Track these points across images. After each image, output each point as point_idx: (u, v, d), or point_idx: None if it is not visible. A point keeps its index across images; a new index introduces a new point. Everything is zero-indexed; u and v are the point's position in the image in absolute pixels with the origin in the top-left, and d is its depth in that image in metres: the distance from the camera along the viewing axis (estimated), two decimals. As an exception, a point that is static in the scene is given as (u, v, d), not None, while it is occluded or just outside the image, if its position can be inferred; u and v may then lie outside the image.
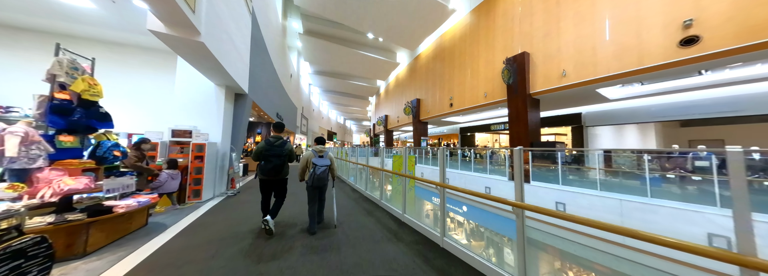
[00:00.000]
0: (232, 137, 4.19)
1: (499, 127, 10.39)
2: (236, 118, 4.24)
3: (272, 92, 8.01)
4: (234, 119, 4.22)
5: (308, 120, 19.49)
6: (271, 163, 2.45)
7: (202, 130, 3.62)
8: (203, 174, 3.51)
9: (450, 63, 9.13)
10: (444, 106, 9.40)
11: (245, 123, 4.54)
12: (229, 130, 4.09)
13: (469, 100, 7.98)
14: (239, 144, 4.43)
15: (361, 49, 12.48)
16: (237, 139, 4.25)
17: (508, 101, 6.22)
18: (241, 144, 4.57)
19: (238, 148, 4.46)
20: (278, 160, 2.48)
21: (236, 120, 4.24)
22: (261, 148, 2.45)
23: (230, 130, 4.14)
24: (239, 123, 4.24)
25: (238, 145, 4.36)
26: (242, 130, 4.45)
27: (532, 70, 5.80)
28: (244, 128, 4.49)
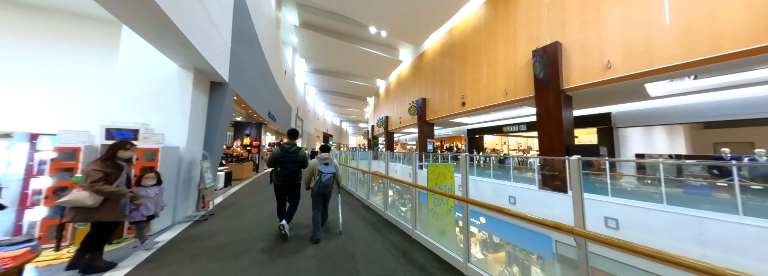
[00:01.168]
0: (206, 139, 3.18)
1: (513, 129, 9.67)
2: (212, 114, 3.24)
3: (264, 88, 7.00)
4: (209, 115, 3.22)
5: (303, 121, 18.40)
6: (287, 169, 2.51)
7: (156, 128, 2.59)
8: (154, 192, 2.45)
9: (461, 59, 8.37)
10: (454, 106, 8.60)
11: (225, 121, 3.55)
12: (199, 129, 3.08)
13: (485, 98, 7.19)
14: (216, 147, 3.42)
15: (362, 44, 11.62)
16: (213, 140, 3.25)
17: (536, 98, 5.44)
18: (219, 147, 3.56)
19: (216, 153, 3.44)
20: (294, 166, 2.55)
21: (212, 116, 3.24)
22: (277, 155, 2.51)
23: (202, 130, 3.14)
24: (216, 120, 3.25)
25: (214, 149, 3.34)
26: (221, 129, 3.44)
27: (566, 62, 5.05)
28: (223, 127, 3.49)
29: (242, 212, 3.36)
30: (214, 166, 3.30)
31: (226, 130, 3.65)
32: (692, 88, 5.19)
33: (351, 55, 12.34)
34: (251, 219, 3.06)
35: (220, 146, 3.52)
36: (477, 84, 7.56)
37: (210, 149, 3.27)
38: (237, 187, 5.66)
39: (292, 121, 14.74)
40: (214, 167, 3.28)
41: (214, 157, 3.28)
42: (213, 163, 3.23)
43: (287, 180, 2.52)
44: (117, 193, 1.76)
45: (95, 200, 1.65)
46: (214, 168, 3.29)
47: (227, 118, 3.57)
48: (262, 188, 5.54)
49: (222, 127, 3.40)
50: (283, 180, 2.52)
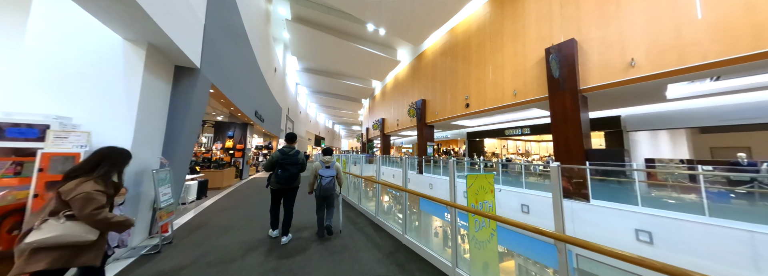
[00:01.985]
0: (167, 141, 2.44)
1: (515, 133, 9.37)
2: (177, 108, 2.51)
3: (250, 85, 6.24)
4: (172, 109, 2.49)
5: (294, 123, 17.48)
6: (288, 172, 2.58)
7: (81, 124, 1.80)
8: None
9: (465, 58, 8.00)
10: (457, 108, 8.18)
11: (196, 118, 2.82)
12: (154, 127, 2.26)
13: (491, 99, 6.79)
14: (182, 152, 2.66)
15: (358, 43, 11.09)
16: (176, 143, 2.49)
17: (550, 99, 5.06)
18: (185, 151, 2.81)
19: (181, 159, 2.67)
20: (295, 168, 2.61)
21: (177, 111, 2.51)
22: (276, 158, 2.58)
23: (161, 129, 2.39)
24: (182, 116, 2.52)
25: (179, 154, 2.58)
26: (189, 128, 2.69)
27: (583, 61, 4.72)
28: (192, 126, 2.76)
29: (213, 238, 2.54)
30: (177, 177, 2.54)
31: (196, 130, 2.91)
32: (710, 90, 5.01)
33: (346, 53, 11.77)
34: (226, 249, 2.27)
35: (187, 150, 2.77)
36: (482, 85, 7.17)
37: (172, 154, 2.48)
38: (213, 198, 4.71)
39: (283, 123, 13.85)
40: (177, 178, 2.52)
41: (177, 165, 2.56)
42: (175, 172, 2.49)
43: (288, 182, 2.60)
44: (124, 225, 1.20)
45: (95, 235, 1.13)
46: (177, 179, 2.52)
47: (199, 114, 2.84)
48: (245, 201, 4.61)
49: (191, 125, 2.67)
50: (283, 182, 2.57)
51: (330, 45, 11.09)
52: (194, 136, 2.86)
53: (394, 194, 9.13)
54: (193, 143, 2.87)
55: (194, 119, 2.73)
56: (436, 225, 9.04)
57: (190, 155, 2.81)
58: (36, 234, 1.03)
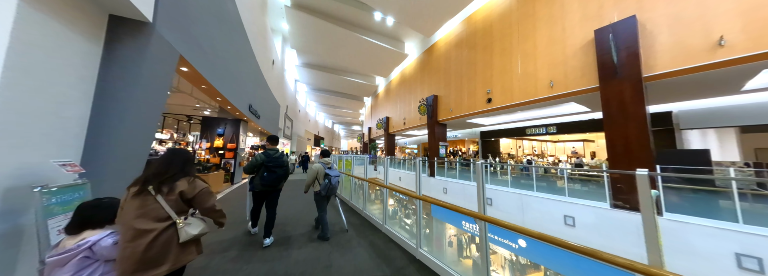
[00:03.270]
0: (94, 132, 1.51)
1: (538, 132, 8.53)
2: (114, 81, 1.60)
3: (244, 74, 5.35)
4: (103, 82, 1.57)
5: (293, 122, 16.56)
6: (275, 174, 2.59)
7: None
8: None
9: (486, 48, 7.16)
10: (476, 103, 7.33)
11: (153, 100, 1.91)
12: (54, 104, 1.28)
13: (520, 92, 5.95)
14: (120, 153, 1.70)
15: (363, 34, 10.23)
16: (108, 139, 1.58)
17: (602, 90, 4.23)
18: (138, 151, 1.88)
19: (116, 164, 1.70)
20: (281, 170, 2.63)
21: (114, 85, 1.61)
22: (261, 160, 2.56)
23: (81, 112, 1.48)
24: (124, 95, 1.63)
25: (114, 158, 1.65)
26: (135, 117, 1.76)
27: (647, 42, 3.89)
28: (145, 114, 1.85)
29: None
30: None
31: (152, 122, 2.00)
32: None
33: (350, 46, 10.89)
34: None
35: (136, 151, 1.86)
36: (508, 77, 6.33)
37: (98, 159, 1.49)
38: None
39: (281, 121, 12.93)
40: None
41: (114, 174, 1.59)
42: (107, 188, 1.50)
43: (274, 184, 2.60)
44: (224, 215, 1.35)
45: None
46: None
47: (157, 96, 1.93)
48: (238, 214, 3.48)
49: (140, 112, 1.75)
50: (269, 184, 2.56)
51: (332, 36, 10.21)
52: (150, 130, 1.96)
53: (399, 198, 8.30)
54: (148, 141, 1.97)
55: (150, 104, 1.83)
56: (449, 233, 8.20)
57: (142, 159, 1.91)
58: (191, 228, 1.15)
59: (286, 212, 3.83)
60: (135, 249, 1.00)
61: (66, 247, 0.93)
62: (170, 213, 1.11)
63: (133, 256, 0.99)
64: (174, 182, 1.16)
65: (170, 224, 1.11)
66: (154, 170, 1.17)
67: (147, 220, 1.06)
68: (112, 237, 1.03)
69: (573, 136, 9.89)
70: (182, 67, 2.60)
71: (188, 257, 1.15)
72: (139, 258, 1.00)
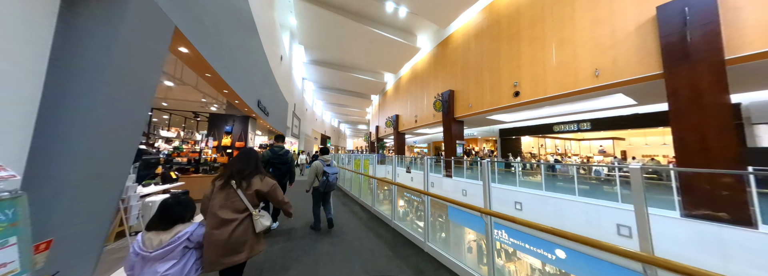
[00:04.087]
0: (46, 119, 1.04)
1: (569, 129, 7.82)
2: (79, 48, 1.14)
3: (252, 68, 4.96)
4: (61, 50, 1.10)
5: (301, 121, 16.30)
6: (279, 170, 2.84)
7: None
8: None
9: (512, 37, 6.53)
10: (500, 98, 6.72)
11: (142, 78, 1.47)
12: None
13: (555, 84, 5.32)
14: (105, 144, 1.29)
15: (374, 27, 9.73)
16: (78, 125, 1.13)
17: (667, 77, 3.59)
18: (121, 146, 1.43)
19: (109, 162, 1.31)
20: (285, 167, 2.87)
21: (79, 52, 1.13)
22: (268, 157, 2.76)
23: (24, 87, 1.00)
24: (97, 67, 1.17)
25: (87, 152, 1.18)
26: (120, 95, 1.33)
27: (729, 18, 3.23)
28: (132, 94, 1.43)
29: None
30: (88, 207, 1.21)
31: (138, 113, 1.54)
32: None
33: (360, 40, 10.42)
34: None
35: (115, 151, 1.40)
36: (539, 68, 5.70)
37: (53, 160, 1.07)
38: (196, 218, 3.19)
39: (289, 119, 12.62)
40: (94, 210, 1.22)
41: (59, 182, 1.08)
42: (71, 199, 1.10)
43: (278, 179, 2.66)
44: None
45: None
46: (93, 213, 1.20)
47: (145, 81, 1.48)
48: None
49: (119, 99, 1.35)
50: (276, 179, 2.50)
51: (342, 29, 9.76)
52: (135, 123, 1.50)
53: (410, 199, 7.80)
54: (136, 134, 1.53)
55: (134, 89, 1.39)
56: (469, 238, 7.64)
57: (127, 161, 1.47)
58: (264, 220, 1.32)
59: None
60: (220, 236, 1.16)
61: (166, 241, 1.04)
62: (248, 205, 1.27)
63: (218, 243, 1.15)
64: (250, 179, 1.34)
65: (247, 216, 1.26)
66: (236, 168, 1.35)
67: (229, 211, 1.22)
68: (201, 227, 1.17)
69: (601, 133, 9.10)
70: (181, 47, 2.18)
71: (260, 247, 1.32)
72: (223, 244, 1.16)
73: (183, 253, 1.09)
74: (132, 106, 1.46)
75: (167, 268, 1.02)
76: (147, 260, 1.02)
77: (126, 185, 2.00)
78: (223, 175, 1.33)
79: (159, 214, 1.11)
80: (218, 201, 1.24)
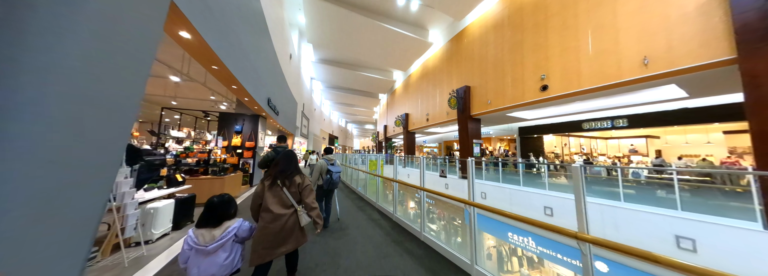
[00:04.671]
0: None
1: (601, 126, 7.15)
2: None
3: (262, 64, 4.72)
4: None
5: (309, 120, 16.22)
6: None
7: None
8: None
9: (538, 26, 5.99)
10: (525, 92, 6.19)
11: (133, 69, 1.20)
12: None
13: (591, 76, 4.77)
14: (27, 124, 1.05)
15: (384, 21, 9.37)
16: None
17: (744, 62, 3.01)
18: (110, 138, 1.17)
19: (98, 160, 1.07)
20: None
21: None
22: (271, 157, 2.73)
23: None
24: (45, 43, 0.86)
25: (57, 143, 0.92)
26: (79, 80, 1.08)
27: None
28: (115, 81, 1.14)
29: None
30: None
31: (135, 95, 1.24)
32: None
33: (369, 35, 10.10)
34: None
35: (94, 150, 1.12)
36: (572, 58, 5.15)
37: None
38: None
39: (298, 119, 12.50)
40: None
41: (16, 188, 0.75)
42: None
43: None
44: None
45: None
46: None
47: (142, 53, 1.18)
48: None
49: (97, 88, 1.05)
50: None
51: (351, 25, 9.47)
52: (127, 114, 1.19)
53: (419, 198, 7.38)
54: (124, 131, 1.22)
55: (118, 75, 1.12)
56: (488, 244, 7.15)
57: (115, 158, 1.17)
58: (306, 216, 1.50)
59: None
60: (274, 228, 1.38)
61: (219, 236, 1.20)
62: (293, 201, 1.49)
63: (269, 235, 1.37)
64: (292, 178, 1.55)
65: (293, 211, 1.47)
66: (280, 168, 1.56)
67: (280, 207, 1.44)
68: (244, 223, 1.34)
69: (635, 131, 8.33)
70: (182, 31, 1.90)
71: (303, 240, 1.54)
72: (273, 237, 1.38)
73: (232, 246, 1.24)
74: (117, 97, 1.16)
75: (224, 258, 1.17)
76: (203, 253, 1.15)
77: (122, 191, 1.73)
78: (270, 175, 1.51)
79: (208, 213, 1.24)
80: (270, 198, 1.43)
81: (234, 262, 1.23)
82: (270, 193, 1.46)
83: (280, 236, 1.37)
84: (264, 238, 1.35)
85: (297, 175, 1.55)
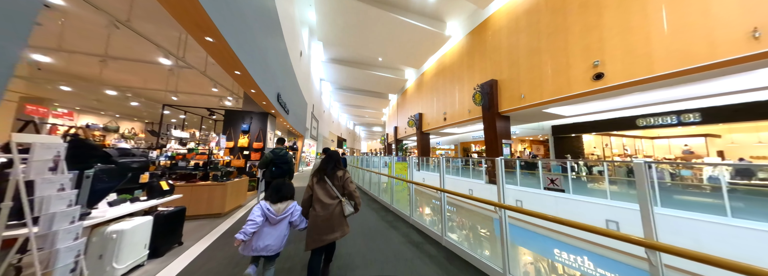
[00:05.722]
0: None
1: (665, 122, 6.10)
2: None
3: (272, 56, 4.16)
4: None
5: (319, 122, 15.76)
6: (281, 169, 3.17)
7: None
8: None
9: (588, 5, 5.16)
10: (571, 83, 5.31)
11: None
12: None
13: (667, 58, 3.87)
14: None
15: (399, 14, 8.75)
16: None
17: None
18: None
19: None
20: (286, 165, 3.21)
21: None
22: (271, 158, 3.12)
23: None
24: None
25: None
26: None
27: None
28: None
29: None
30: None
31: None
32: None
33: (382, 30, 9.52)
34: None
35: None
36: (639, 38, 4.27)
37: None
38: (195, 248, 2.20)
39: (308, 120, 12.01)
40: None
41: None
42: None
43: (280, 176, 3.14)
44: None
45: None
46: None
47: None
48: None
49: None
50: (277, 176, 3.12)
51: (364, 19, 8.92)
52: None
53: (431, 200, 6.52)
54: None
55: None
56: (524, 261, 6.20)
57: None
58: (349, 206, 1.70)
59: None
60: (324, 216, 1.60)
61: (283, 210, 1.56)
62: (337, 193, 1.69)
63: (321, 223, 1.59)
64: (334, 173, 1.75)
65: (338, 202, 1.68)
66: (323, 166, 1.77)
67: (328, 198, 1.66)
68: (297, 206, 1.68)
69: (687, 129, 7.16)
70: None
71: (347, 229, 1.70)
72: (325, 224, 1.59)
73: (287, 225, 1.60)
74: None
75: (284, 228, 1.56)
76: (272, 222, 1.51)
77: (50, 212, 1.07)
78: (318, 172, 1.75)
79: (275, 192, 1.60)
80: (319, 191, 1.67)
81: (283, 241, 1.54)
82: (318, 186, 1.69)
83: (330, 223, 1.59)
84: (317, 226, 1.57)
85: (339, 171, 1.76)
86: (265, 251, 1.43)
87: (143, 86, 5.30)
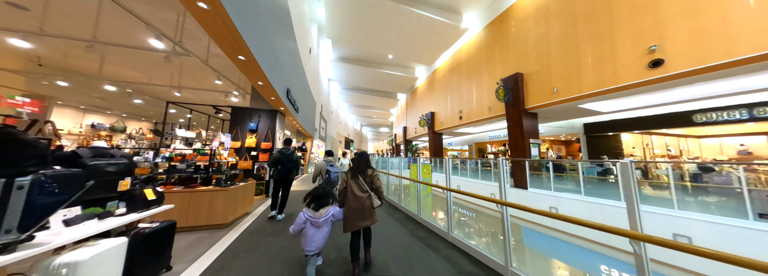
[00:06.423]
0: None
1: (730, 116, 5.31)
2: None
3: (283, 50, 3.75)
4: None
5: (327, 123, 15.45)
6: (286, 167, 3.48)
7: None
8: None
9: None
10: (618, 73, 4.63)
11: None
12: None
13: (753, 36, 3.16)
14: None
15: (413, 6, 8.25)
16: None
17: None
18: None
19: None
20: (291, 164, 3.54)
21: None
22: (278, 157, 3.42)
23: None
24: None
25: None
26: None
27: None
28: None
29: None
30: None
31: None
32: None
33: (394, 24, 9.05)
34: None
35: None
36: (709, 13, 3.57)
37: None
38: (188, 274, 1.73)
39: (317, 121, 11.66)
40: None
41: None
42: None
43: (286, 175, 3.48)
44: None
45: None
46: None
47: None
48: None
49: None
50: (283, 175, 3.45)
51: (375, 12, 8.48)
52: None
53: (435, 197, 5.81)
54: None
55: None
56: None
57: None
58: (376, 200, 2.05)
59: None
60: (356, 207, 1.94)
61: (324, 214, 1.82)
62: (366, 188, 2.02)
63: (355, 211, 1.93)
64: (365, 170, 2.09)
65: (368, 195, 2.01)
66: (355, 165, 2.13)
67: (359, 191, 1.99)
68: (337, 208, 1.95)
69: (742, 127, 6.23)
70: None
71: (375, 218, 2.03)
72: (358, 212, 1.93)
73: (329, 223, 1.85)
74: None
75: (327, 230, 1.82)
76: (315, 225, 1.78)
77: None
78: (350, 169, 2.10)
79: (316, 200, 1.87)
80: (353, 185, 2.00)
81: (327, 236, 1.85)
82: (352, 181, 2.02)
83: (362, 212, 1.93)
84: (352, 213, 1.92)
85: (368, 169, 2.10)
86: (316, 250, 1.77)
87: (146, 82, 5.04)
